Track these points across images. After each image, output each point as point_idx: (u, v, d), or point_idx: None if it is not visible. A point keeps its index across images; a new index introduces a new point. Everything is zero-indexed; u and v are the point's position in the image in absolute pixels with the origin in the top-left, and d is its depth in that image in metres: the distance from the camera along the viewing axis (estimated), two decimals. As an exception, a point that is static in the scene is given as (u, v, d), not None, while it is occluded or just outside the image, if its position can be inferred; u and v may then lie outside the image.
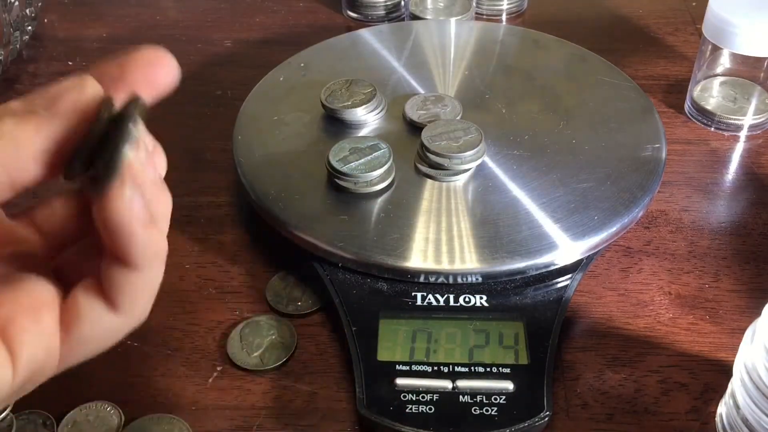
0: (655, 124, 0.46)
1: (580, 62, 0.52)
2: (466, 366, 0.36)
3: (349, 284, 0.40)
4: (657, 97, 0.55)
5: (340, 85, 0.46)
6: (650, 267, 0.43)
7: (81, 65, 0.60)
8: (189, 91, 0.57)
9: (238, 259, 0.44)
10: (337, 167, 0.41)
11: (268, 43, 0.63)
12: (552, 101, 0.48)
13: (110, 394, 0.37)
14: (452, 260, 0.39)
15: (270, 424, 0.36)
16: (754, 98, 0.51)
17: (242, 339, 0.39)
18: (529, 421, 0.34)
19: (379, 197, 0.41)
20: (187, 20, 0.66)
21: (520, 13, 0.65)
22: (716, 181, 0.48)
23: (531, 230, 0.40)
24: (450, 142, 0.41)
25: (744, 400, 0.32)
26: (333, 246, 0.39)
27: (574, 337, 0.39)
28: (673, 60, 0.59)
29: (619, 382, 0.37)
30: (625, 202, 0.41)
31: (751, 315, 0.38)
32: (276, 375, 0.38)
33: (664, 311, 0.40)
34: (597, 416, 0.36)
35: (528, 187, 0.42)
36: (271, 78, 0.51)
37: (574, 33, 0.56)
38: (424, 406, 0.35)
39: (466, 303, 0.39)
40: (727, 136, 0.51)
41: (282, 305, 0.41)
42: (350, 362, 0.37)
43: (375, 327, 0.38)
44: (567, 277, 0.40)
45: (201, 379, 0.38)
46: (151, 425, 0.36)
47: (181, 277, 0.43)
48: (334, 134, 0.45)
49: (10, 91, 0.58)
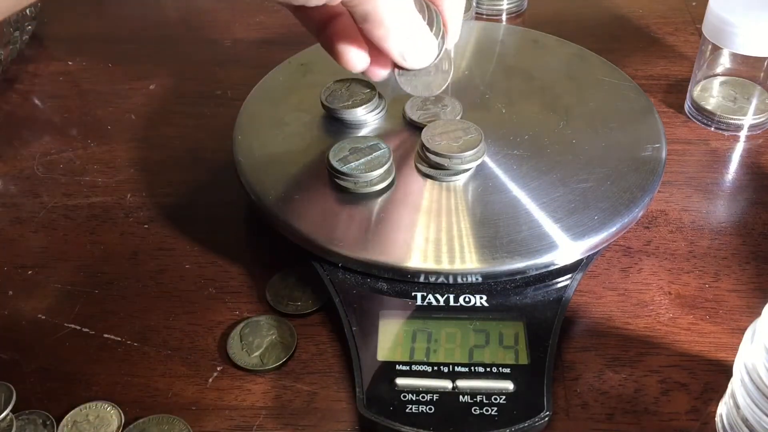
0: (655, 124, 0.46)
1: (580, 62, 0.52)
2: (466, 366, 0.36)
3: (349, 284, 0.40)
4: (657, 97, 0.55)
5: (340, 85, 0.46)
6: (650, 267, 0.43)
7: (81, 65, 0.60)
8: (189, 91, 0.57)
9: (238, 259, 0.44)
10: (337, 167, 0.41)
11: (268, 43, 0.63)
12: (552, 101, 0.48)
13: (110, 394, 0.37)
14: (452, 260, 0.39)
15: (270, 424, 0.36)
16: (754, 98, 0.51)
17: (242, 339, 0.39)
18: (529, 421, 0.34)
19: (379, 197, 0.41)
20: (187, 20, 0.66)
21: (520, 13, 0.65)
22: (716, 181, 0.48)
23: (531, 230, 0.40)
24: (450, 142, 0.41)
25: (744, 400, 0.32)
26: (333, 246, 0.39)
27: (574, 337, 0.39)
28: (673, 60, 0.59)
29: (619, 382, 0.37)
30: (625, 202, 0.41)
31: (751, 315, 0.38)
32: (276, 375, 0.38)
33: (664, 311, 0.40)
34: (597, 416, 0.36)
35: (528, 187, 0.42)
36: (271, 78, 0.51)
37: (574, 33, 0.56)
38: (424, 406, 0.35)
39: (466, 303, 0.39)
40: (727, 136, 0.51)
41: (282, 305, 0.41)
42: (350, 362, 0.37)
43: (375, 327, 0.38)
44: (567, 277, 0.40)
45: (201, 379, 0.38)
46: (151, 425, 0.36)
47: (181, 277, 0.43)
48: (334, 134, 0.45)
49: (10, 91, 0.58)
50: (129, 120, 0.55)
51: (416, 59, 0.39)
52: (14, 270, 0.44)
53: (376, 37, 0.37)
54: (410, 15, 0.37)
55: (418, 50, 0.39)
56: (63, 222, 0.47)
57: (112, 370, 0.38)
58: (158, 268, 0.44)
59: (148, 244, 0.45)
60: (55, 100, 0.57)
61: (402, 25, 0.37)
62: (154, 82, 0.58)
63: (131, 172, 0.50)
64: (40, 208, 0.48)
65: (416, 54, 0.39)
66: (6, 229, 0.46)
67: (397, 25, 0.37)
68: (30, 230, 0.46)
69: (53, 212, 0.47)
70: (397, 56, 0.39)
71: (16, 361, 0.39)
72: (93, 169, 0.51)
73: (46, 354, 0.39)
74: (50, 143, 0.53)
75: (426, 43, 0.39)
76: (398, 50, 0.38)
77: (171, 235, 0.46)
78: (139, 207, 0.48)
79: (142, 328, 0.41)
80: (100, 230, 0.46)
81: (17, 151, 0.52)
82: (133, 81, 0.58)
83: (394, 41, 0.37)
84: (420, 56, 0.39)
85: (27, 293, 0.42)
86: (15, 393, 0.36)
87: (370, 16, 0.36)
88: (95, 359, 0.39)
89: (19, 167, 0.51)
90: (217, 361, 0.39)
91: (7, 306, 0.42)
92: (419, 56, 0.39)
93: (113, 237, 0.46)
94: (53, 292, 0.42)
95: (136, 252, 0.45)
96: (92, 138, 0.53)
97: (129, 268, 0.44)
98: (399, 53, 0.38)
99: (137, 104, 0.56)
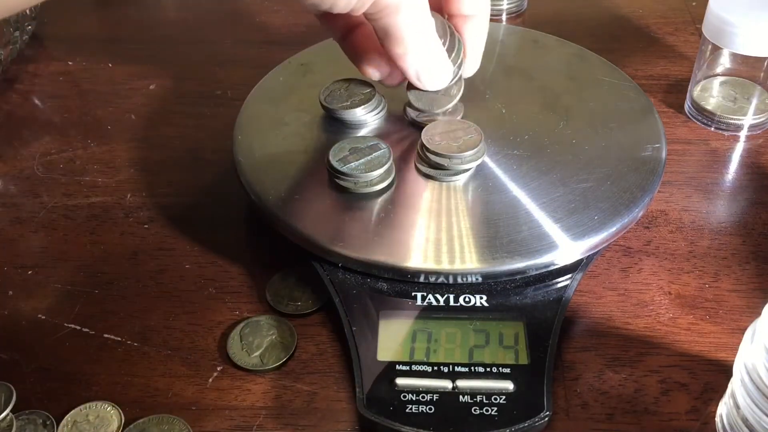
0: (655, 124, 0.46)
1: (580, 62, 0.52)
2: (466, 366, 0.36)
3: (349, 284, 0.40)
4: (657, 97, 0.55)
5: (339, 85, 0.46)
6: (650, 267, 0.43)
7: (81, 65, 0.60)
8: (189, 91, 0.57)
9: (238, 259, 0.44)
10: (337, 167, 0.41)
11: (268, 43, 0.63)
12: (552, 101, 0.48)
13: (110, 394, 0.37)
14: (452, 260, 0.39)
15: (270, 424, 0.36)
16: (754, 98, 0.51)
17: (242, 339, 0.39)
18: (529, 421, 0.34)
19: (379, 197, 0.41)
20: (187, 20, 0.66)
21: (520, 13, 0.65)
22: (716, 181, 0.48)
23: (531, 230, 0.40)
24: (450, 142, 0.41)
25: (744, 400, 0.32)
26: (333, 246, 0.39)
27: (574, 337, 0.39)
28: (673, 60, 0.59)
29: (619, 382, 0.37)
30: (625, 202, 0.41)
31: (751, 315, 0.38)
32: (276, 375, 0.38)
33: (664, 311, 0.40)
34: (597, 416, 0.36)
35: (528, 187, 0.42)
36: (271, 78, 0.51)
37: (574, 33, 0.56)
38: (424, 406, 0.35)
39: (466, 303, 0.39)
40: (727, 136, 0.51)
41: (282, 305, 0.41)
42: (350, 362, 0.37)
43: (375, 327, 0.38)
44: (567, 277, 0.40)
45: (201, 379, 0.38)
46: (151, 425, 0.36)
47: (181, 277, 0.43)
48: (334, 134, 0.45)
49: (10, 91, 0.58)
50: (129, 120, 0.55)
51: (430, 82, 0.41)
52: (14, 270, 0.44)
53: (395, 54, 0.38)
54: (430, 38, 0.39)
55: (433, 73, 0.40)
56: (63, 222, 0.47)
57: (112, 370, 0.38)
58: (158, 268, 0.44)
59: (148, 244, 0.45)
60: (55, 100, 0.57)
61: (421, 47, 0.38)
62: (154, 82, 0.58)
63: (131, 172, 0.50)
64: (40, 208, 0.48)
65: (431, 77, 0.40)
66: (6, 229, 0.46)
67: (416, 46, 0.38)
68: (30, 230, 0.46)
69: (53, 212, 0.47)
70: (412, 75, 0.40)
71: (16, 361, 0.39)
72: (93, 169, 0.51)
73: (46, 354, 0.39)
74: (50, 143, 0.53)
75: (442, 68, 0.41)
76: (414, 70, 0.40)
77: (171, 235, 0.46)
78: (139, 207, 0.48)
79: (142, 328, 0.41)
80: (100, 230, 0.46)
81: (17, 151, 0.52)
82: (133, 81, 0.58)
83: (411, 61, 0.39)
84: (434, 80, 0.41)
85: (27, 293, 0.42)
86: (15, 393, 0.36)
87: (390, 32, 0.37)
88: (95, 359, 0.39)
89: (19, 167, 0.51)
90: (217, 361, 0.39)
91: (7, 306, 0.42)
92: (433, 79, 0.41)
93: (113, 237, 0.46)
94: (53, 292, 0.42)
95: (136, 252, 0.45)
96: (92, 138, 0.53)
97: (129, 268, 0.44)
98: (414, 73, 0.40)
99: (137, 104, 0.56)
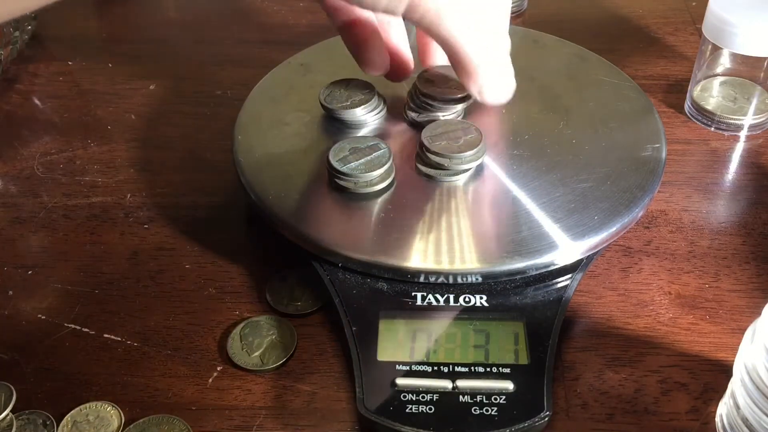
0: (655, 124, 0.46)
1: (580, 62, 0.52)
2: (466, 366, 0.36)
3: (349, 284, 0.40)
4: (657, 97, 0.55)
5: (339, 85, 0.46)
6: (650, 267, 0.43)
7: (81, 65, 0.60)
8: (189, 91, 0.57)
9: (238, 259, 0.44)
10: (337, 167, 0.41)
11: (268, 43, 0.63)
12: (552, 101, 0.48)
13: (110, 394, 0.37)
14: (452, 260, 0.39)
15: (270, 424, 0.36)
16: (754, 98, 0.51)
17: (242, 339, 0.39)
18: (529, 421, 0.34)
19: (379, 197, 0.41)
20: (187, 20, 0.66)
21: (520, 13, 0.65)
22: (716, 181, 0.48)
23: (531, 230, 0.40)
24: (450, 142, 0.41)
25: (744, 400, 0.32)
26: (333, 246, 0.39)
27: (574, 337, 0.39)
28: (673, 60, 0.59)
29: (619, 382, 0.37)
30: (625, 202, 0.41)
31: (751, 315, 0.38)
32: (276, 375, 0.38)
33: (664, 311, 0.40)
34: (597, 416, 0.36)
35: (528, 187, 0.42)
36: (271, 78, 0.51)
37: (574, 33, 0.56)
38: (424, 406, 0.35)
39: (466, 303, 0.39)
40: (727, 136, 0.51)
41: (282, 305, 0.41)
42: (350, 362, 0.37)
43: (375, 327, 0.38)
44: (567, 277, 0.40)
45: (201, 379, 0.38)
46: (151, 425, 0.36)
47: (181, 277, 0.43)
48: (334, 134, 0.45)
49: (10, 91, 0.58)
50: (129, 120, 0.55)
51: (494, 96, 0.38)
52: (14, 270, 0.44)
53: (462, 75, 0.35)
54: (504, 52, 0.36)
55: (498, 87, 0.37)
56: (63, 222, 0.47)
57: (112, 370, 0.38)
58: (158, 268, 0.44)
59: (148, 244, 0.45)
60: (55, 100, 0.57)
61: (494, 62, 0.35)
62: (154, 82, 0.58)
63: (131, 172, 0.50)
64: (40, 208, 0.48)
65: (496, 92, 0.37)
66: (6, 229, 0.46)
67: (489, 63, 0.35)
68: (30, 230, 0.46)
69: (53, 212, 0.47)
70: (474, 90, 0.37)
71: (16, 361, 0.39)
72: (93, 169, 0.51)
73: (46, 354, 0.39)
74: (50, 143, 0.53)
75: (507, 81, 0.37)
76: (477, 86, 0.37)
77: (171, 235, 0.46)
78: (139, 207, 0.48)
79: (142, 328, 0.41)
80: (99, 230, 0.46)
81: (17, 151, 0.52)
82: (133, 81, 0.58)
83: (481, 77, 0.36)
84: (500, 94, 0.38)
85: (27, 293, 0.42)
86: (15, 393, 0.36)
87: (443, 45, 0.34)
88: (95, 359, 0.39)
89: (19, 167, 0.51)
90: (217, 361, 0.39)
91: (7, 306, 0.42)
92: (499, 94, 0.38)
93: (113, 237, 0.46)
94: (53, 292, 0.42)
95: (135, 252, 0.45)
96: (92, 138, 0.53)
97: (129, 268, 0.44)
98: (477, 89, 0.37)
99: (137, 104, 0.56)
